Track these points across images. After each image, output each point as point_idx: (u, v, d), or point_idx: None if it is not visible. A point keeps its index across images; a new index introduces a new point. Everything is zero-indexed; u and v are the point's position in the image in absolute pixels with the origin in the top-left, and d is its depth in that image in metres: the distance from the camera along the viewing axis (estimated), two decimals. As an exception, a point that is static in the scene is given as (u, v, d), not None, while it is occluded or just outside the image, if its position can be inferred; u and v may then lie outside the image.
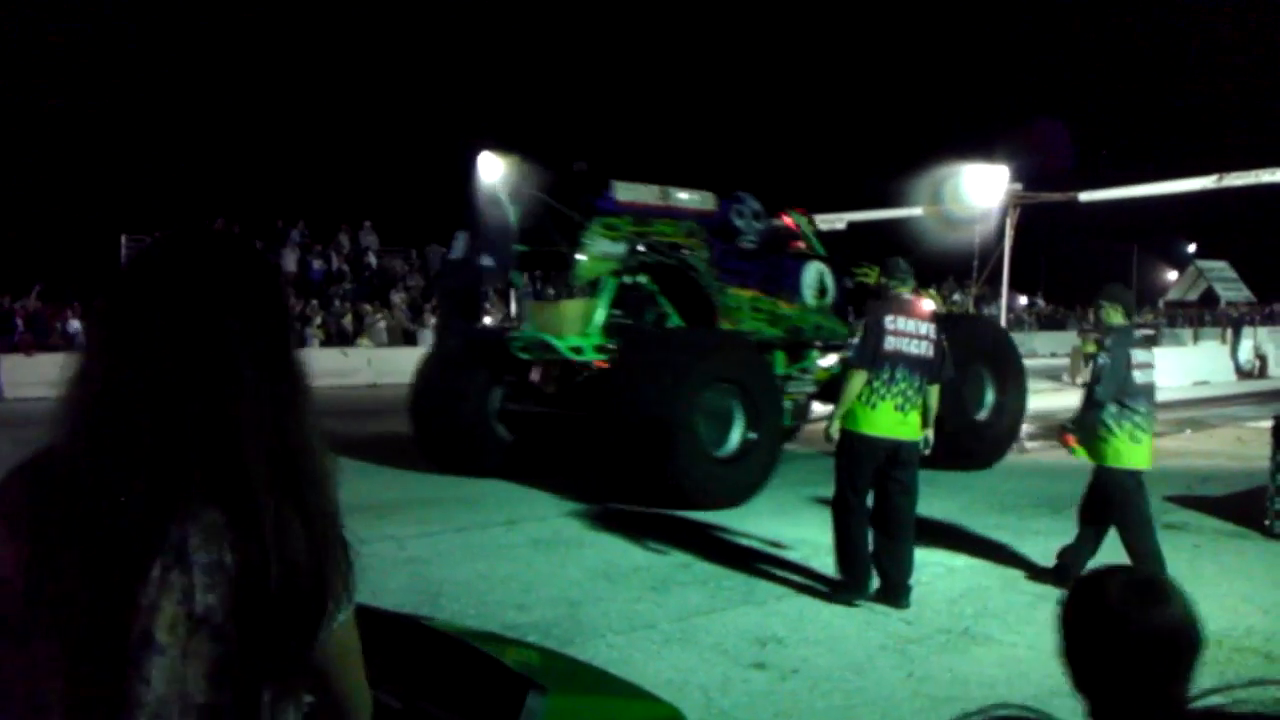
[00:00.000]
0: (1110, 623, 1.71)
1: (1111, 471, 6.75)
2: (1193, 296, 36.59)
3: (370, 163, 39.55)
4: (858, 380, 6.56)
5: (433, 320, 29.07)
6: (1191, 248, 43.15)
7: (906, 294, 6.91)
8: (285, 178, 37.13)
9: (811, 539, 8.02)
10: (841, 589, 6.63)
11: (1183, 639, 1.72)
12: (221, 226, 29.75)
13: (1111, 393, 6.62)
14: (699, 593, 6.76)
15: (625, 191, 11.25)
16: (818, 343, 12.59)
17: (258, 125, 39.38)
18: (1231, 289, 34.12)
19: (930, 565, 7.30)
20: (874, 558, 6.61)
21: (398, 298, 30.50)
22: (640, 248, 11.29)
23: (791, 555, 7.69)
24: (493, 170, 13.04)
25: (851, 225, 23.82)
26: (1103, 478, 6.83)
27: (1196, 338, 32.94)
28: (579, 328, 11.13)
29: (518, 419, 11.59)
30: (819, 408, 12.28)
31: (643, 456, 9.37)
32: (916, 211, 24.30)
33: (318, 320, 27.56)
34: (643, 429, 9.28)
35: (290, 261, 30.48)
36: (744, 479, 9.87)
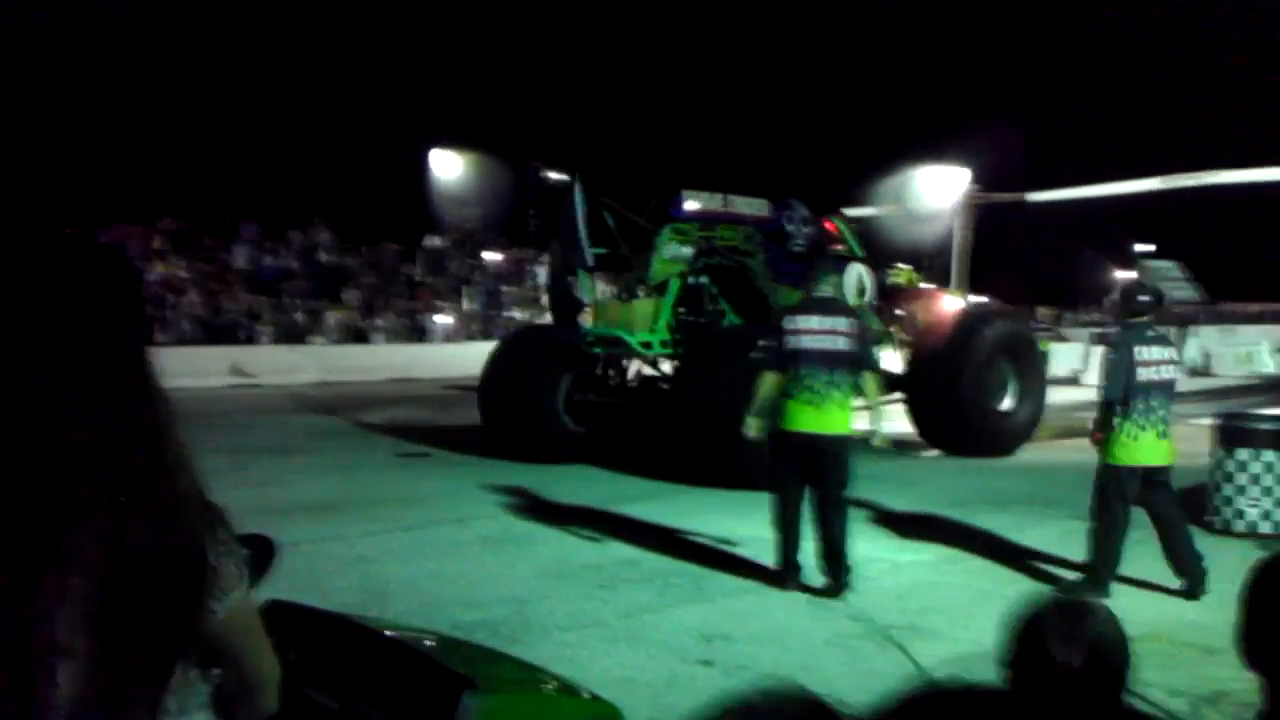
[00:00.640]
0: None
1: (1101, 467, 6.79)
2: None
3: (323, 160, 39.29)
4: (766, 381, 6.83)
5: (380, 321, 28.93)
6: (1140, 248, 43.75)
7: (827, 292, 7.09)
8: (237, 174, 36.77)
9: (761, 535, 8.03)
10: (776, 578, 6.83)
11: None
12: (171, 224, 29.50)
13: (1117, 390, 6.65)
14: (647, 590, 6.78)
15: (693, 200, 12.32)
16: None
17: (208, 122, 38.95)
18: (1180, 288, 34.65)
19: (876, 561, 7.37)
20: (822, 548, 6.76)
21: (350, 295, 30.27)
22: (706, 251, 12.53)
23: (740, 552, 7.71)
24: (447, 167, 13.87)
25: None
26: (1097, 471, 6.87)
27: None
28: (649, 324, 12.22)
29: (585, 410, 12.46)
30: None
31: (711, 439, 9.89)
32: (879, 211, 24.54)
33: (269, 317, 27.29)
34: (710, 414, 9.82)
35: (242, 259, 30.21)
36: None
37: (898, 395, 13.02)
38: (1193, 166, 23.27)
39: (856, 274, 12.98)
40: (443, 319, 30.99)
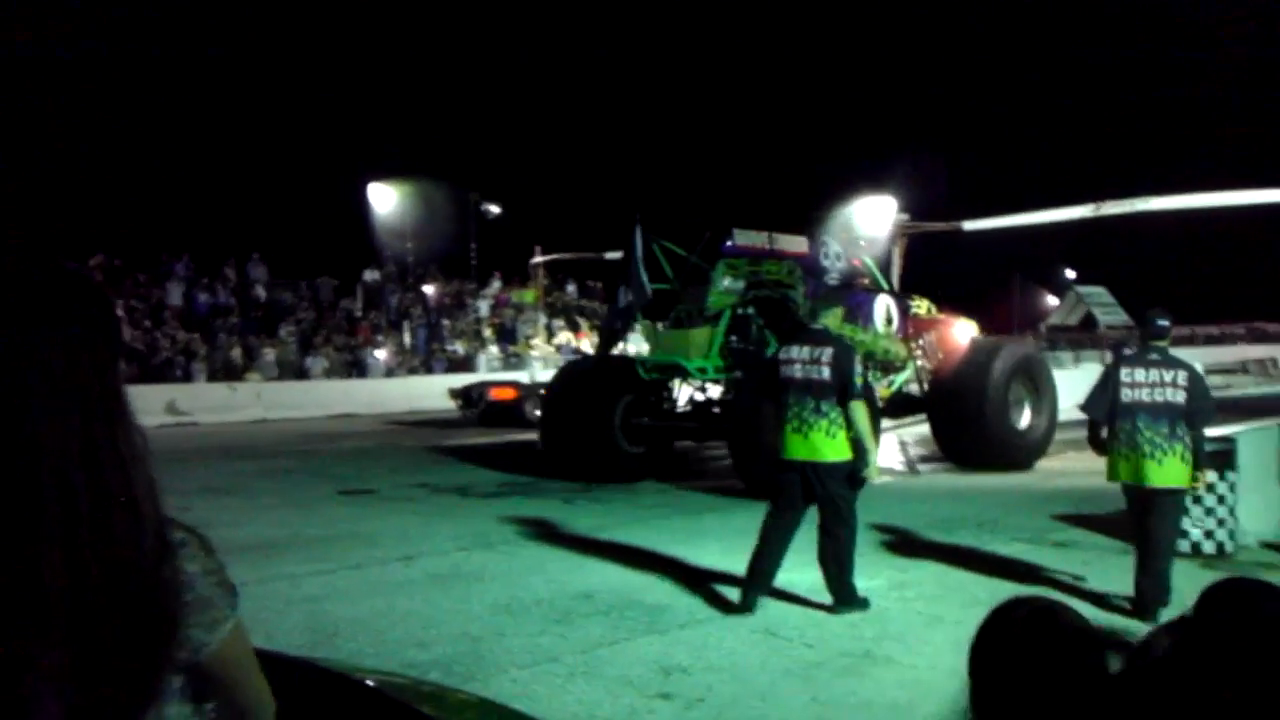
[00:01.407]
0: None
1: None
2: (1073, 321, 37.79)
3: (258, 193, 38.88)
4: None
5: (318, 356, 28.61)
6: (1070, 274, 44.60)
7: (822, 324, 7.27)
8: (169, 209, 36.26)
9: (715, 565, 8.05)
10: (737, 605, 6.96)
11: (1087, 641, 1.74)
12: (103, 261, 28.97)
13: (1096, 410, 6.96)
14: (602, 624, 6.72)
15: (742, 237, 13.33)
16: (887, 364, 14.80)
17: (139, 156, 38.39)
18: (1110, 313, 35.31)
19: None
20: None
21: (287, 330, 29.92)
22: (754, 284, 13.71)
23: (695, 582, 7.69)
24: (385, 199, 14.63)
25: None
26: None
27: (1078, 360, 33.97)
28: (704, 352, 13.27)
29: (642, 432, 13.63)
30: (884, 422, 14.23)
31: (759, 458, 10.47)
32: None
33: (204, 354, 26.85)
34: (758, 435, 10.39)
35: (176, 295, 29.77)
36: None
37: (919, 416, 15.01)
38: (1120, 193, 23.77)
39: (884, 305, 14.57)
40: (382, 353, 30.74)
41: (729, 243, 13.28)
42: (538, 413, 19.99)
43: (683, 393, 14.64)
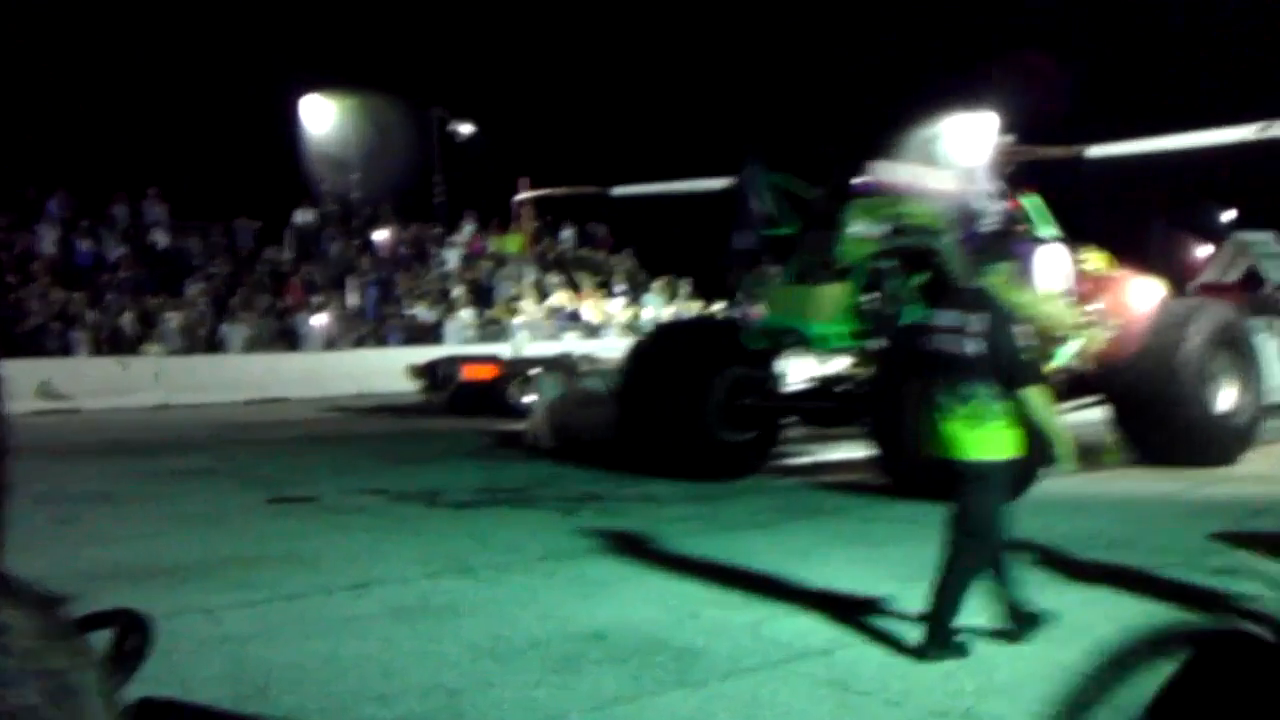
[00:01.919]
0: None
1: None
2: (1232, 277, 37.57)
3: (155, 111, 38.80)
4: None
5: (236, 323, 28.65)
6: (1228, 216, 44.35)
7: (980, 283, 7.32)
8: (40, 132, 36.21)
9: (761, 596, 8.05)
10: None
11: None
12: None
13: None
14: (617, 673, 6.72)
15: (883, 171, 13.72)
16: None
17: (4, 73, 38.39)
18: (1280, 267, 35.09)
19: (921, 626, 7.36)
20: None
21: (194, 289, 30.00)
22: (895, 230, 13.81)
23: (735, 618, 7.69)
24: (322, 117, 14.98)
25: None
26: None
27: (1272, 329, 33.75)
28: (831, 314, 13.48)
29: (746, 414, 13.94)
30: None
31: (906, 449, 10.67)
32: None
33: (88, 320, 26.95)
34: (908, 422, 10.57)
35: (48, 242, 29.84)
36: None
37: (1093, 399, 14.97)
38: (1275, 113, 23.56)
39: (1050, 256, 14.61)
40: (320, 319, 30.83)
41: (863, 179, 13.52)
42: (525, 398, 20.09)
43: (790, 364, 14.98)
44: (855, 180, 13.63)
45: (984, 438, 6.89)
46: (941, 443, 6.98)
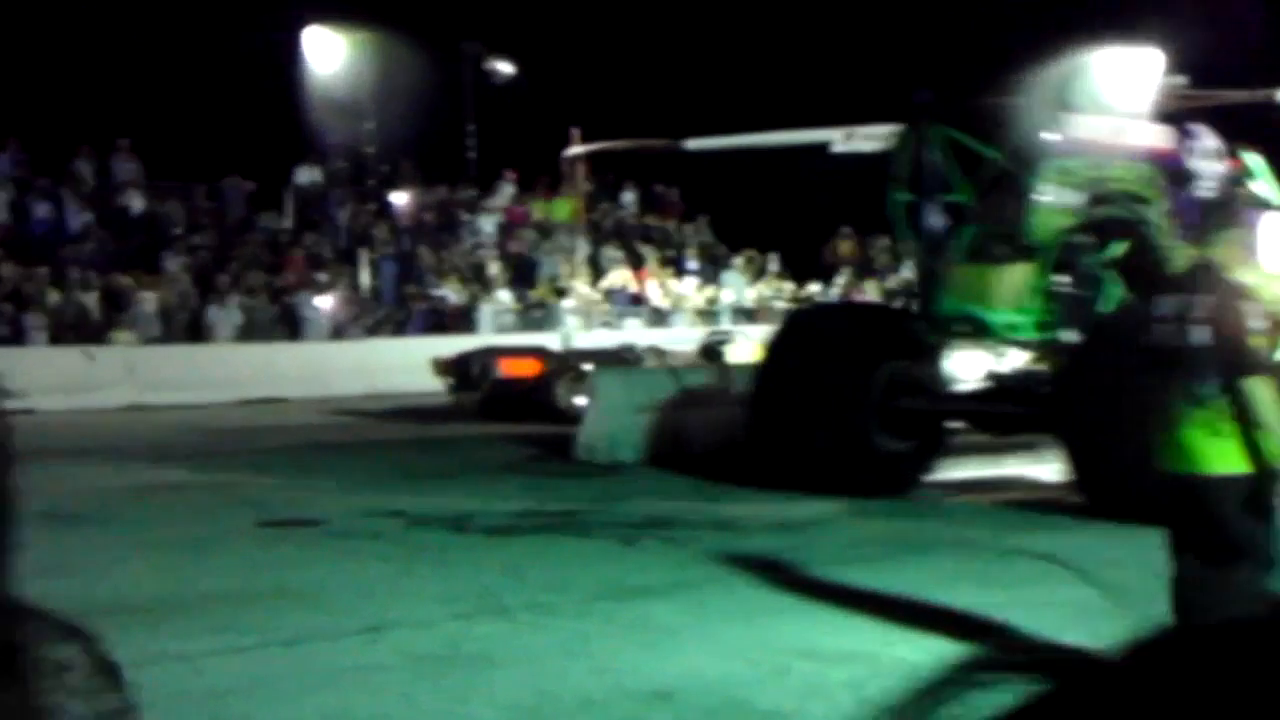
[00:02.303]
0: None
1: None
2: None
3: (128, 50, 39.06)
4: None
5: (225, 305, 28.79)
6: None
7: (1210, 259, 7.28)
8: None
9: (863, 648, 7.99)
10: None
11: None
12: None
13: None
14: (688, 741, 6.71)
15: (1082, 127, 13.98)
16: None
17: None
18: None
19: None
20: None
21: (174, 264, 30.14)
22: (1097, 199, 13.97)
23: (832, 675, 7.65)
24: (328, 54, 15.03)
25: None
26: None
27: None
28: (1016, 298, 13.66)
29: (909, 418, 14.16)
30: None
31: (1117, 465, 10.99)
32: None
33: (45, 301, 27.17)
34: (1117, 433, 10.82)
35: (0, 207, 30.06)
36: None
37: None
38: None
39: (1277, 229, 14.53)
40: (326, 301, 30.89)
41: (1053, 135, 13.51)
42: (576, 399, 20.08)
43: (959, 359, 14.85)
44: (1045, 136, 13.56)
45: (1227, 447, 6.81)
46: (1179, 455, 6.93)
